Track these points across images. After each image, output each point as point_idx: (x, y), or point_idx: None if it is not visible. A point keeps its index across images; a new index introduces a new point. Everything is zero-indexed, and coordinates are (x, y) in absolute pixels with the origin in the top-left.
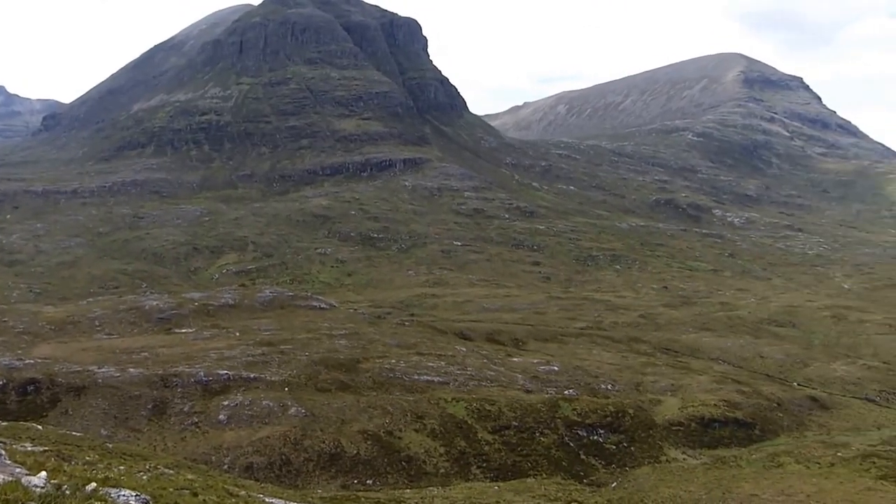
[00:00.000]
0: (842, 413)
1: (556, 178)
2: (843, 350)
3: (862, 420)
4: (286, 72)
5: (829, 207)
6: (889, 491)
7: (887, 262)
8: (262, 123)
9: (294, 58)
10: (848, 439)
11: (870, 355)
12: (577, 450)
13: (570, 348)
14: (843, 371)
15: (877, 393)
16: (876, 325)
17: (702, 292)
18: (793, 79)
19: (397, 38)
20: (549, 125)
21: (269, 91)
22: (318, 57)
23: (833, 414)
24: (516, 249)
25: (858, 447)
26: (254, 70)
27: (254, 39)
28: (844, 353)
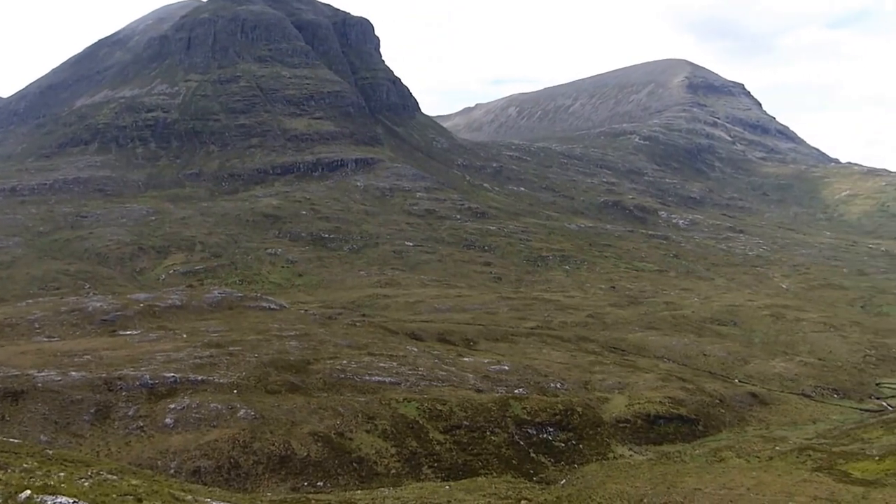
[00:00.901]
0: (780, 408)
1: (507, 180)
2: (782, 348)
3: (798, 415)
4: (236, 69)
5: (768, 210)
6: (823, 482)
7: (822, 263)
8: (211, 121)
9: (244, 55)
10: (785, 433)
11: (806, 352)
12: (527, 448)
13: (520, 348)
14: (781, 368)
15: (812, 389)
16: (812, 324)
17: (648, 292)
18: (735, 85)
19: (349, 38)
20: (501, 127)
21: (219, 89)
22: (268, 55)
23: (772, 409)
24: (468, 250)
25: (795, 441)
26: (202, 67)
27: (202, 36)
28: (782, 350)
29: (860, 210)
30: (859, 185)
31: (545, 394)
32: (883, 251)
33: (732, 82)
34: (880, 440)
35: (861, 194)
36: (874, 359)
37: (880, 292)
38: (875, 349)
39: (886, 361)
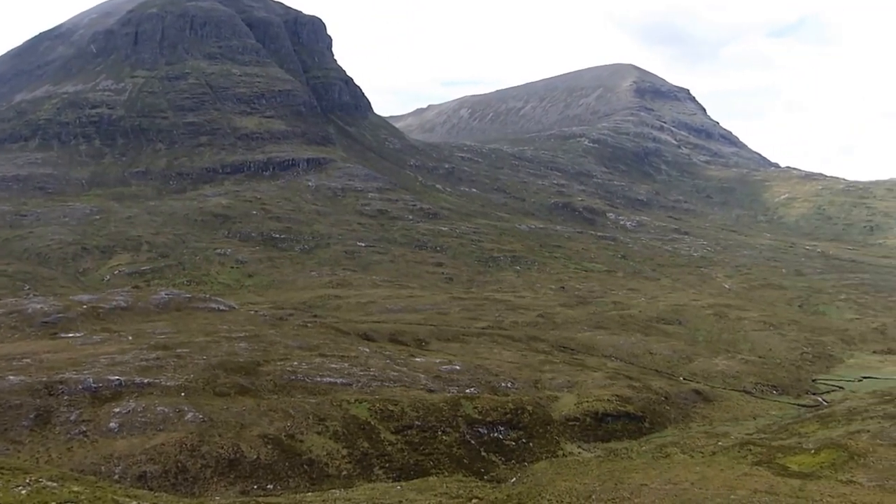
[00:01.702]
0: (722, 405)
1: (459, 181)
2: (724, 346)
3: (740, 411)
4: (184, 66)
5: (712, 212)
6: (763, 476)
7: (763, 264)
8: (159, 119)
9: (193, 52)
10: (728, 429)
11: (747, 350)
12: (478, 447)
13: (471, 347)
14: (723, 365)
15: (753, 385)
16: (753, 322)
17: (596, 292)
18: (680, 90)
19: (301, 37)
20: (453, 128)
21: (167, 85)
22: (218, 52)
23: (715, 406)
24: (419, 250)
25: (737, 436)
26: (150, 63)
27: (150, 31)
28: (725, 348)
29: (798, 213)
30: (798, 188)
31: (496, 393)
32: (819, 252)
33: (678, 88)
34: (816, 434)
35: (799, 198)
36: (811, 356)
37: (816, 292)
38: (811, 347)
39: (822, 358)
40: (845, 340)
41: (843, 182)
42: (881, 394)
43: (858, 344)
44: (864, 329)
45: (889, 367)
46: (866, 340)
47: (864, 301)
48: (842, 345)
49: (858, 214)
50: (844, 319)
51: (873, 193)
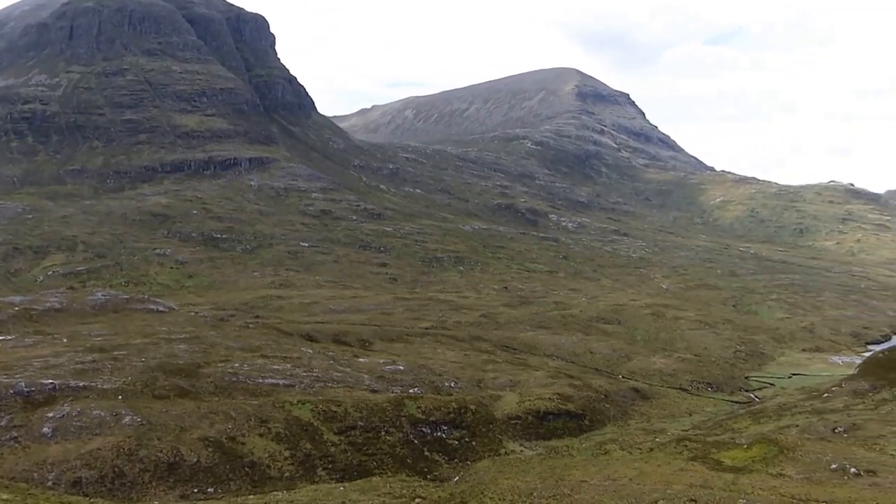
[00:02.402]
0: (660, 402)
1: (404, 181)
2: (662, 344)
3: (677, 408)
4: (122, 62)
5: (650, 214)
6: (698, 470)
7: (699, 265)
8: (95, 115)
9: (131, 48)
10: (665, 426)
11: (683, 349)
12: (421, 447)
13: (415, 348)
14: (661, 364)
15: (689, 383)
16: (689, 322)
17: (539, 292)
18: (621, 94)
19: (244, 34)
20: (397, 129)
21: (104, 81)
22: (158, 48)
23: (652, 403)
24: (363, 251)
25: (673, 433)
26: (86, 58)
27: (86, 25)
28: (662, 347)
29: (732, 215)
30: (732, 191)
31: (439, 393)
32: (752, 254)
33: (619, 92)
34: (748, 429)
35: (734, 200)
36: (744, 354)
37: (749, 292)
38: (744, 345)
39: (754, 356)
40: (776, 339)
41: (775, 186)
42: (809, 390)
43: (788, 342)
44: (793, 328)
45: (817, 365)
46: (796, 339)
47: (793, 301)
48: (773, 343)
49: (789, 217)
50: (775, 319)
51: (803, 197)
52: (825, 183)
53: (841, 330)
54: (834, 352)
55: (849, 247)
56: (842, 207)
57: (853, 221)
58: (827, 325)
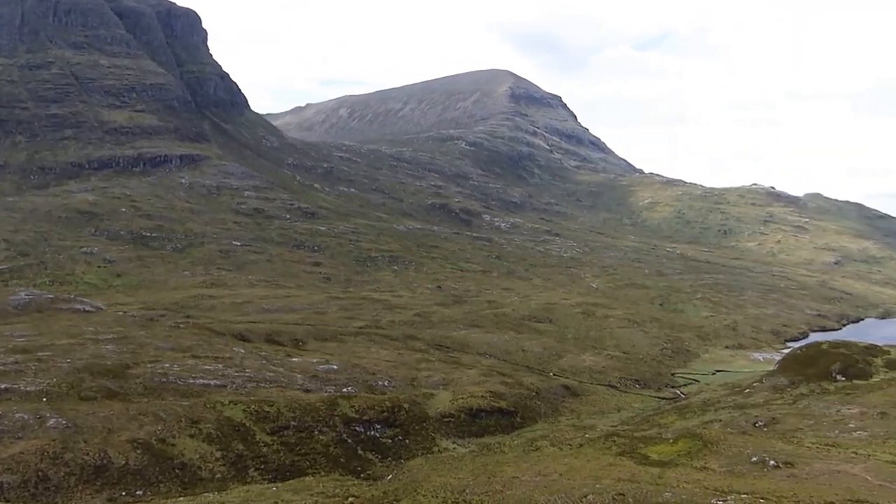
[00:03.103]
0: (590, 399)
1: (338, 181)
2: (591, 342)
3: (605, 404)
4: (47, 55)
5: (581, 215)
6: (626, 465)
7: (627, 265)
8: (18, 109)
9: (57, 40)
10: (594, 422)
11: (612, 346)
12: (354, 446)
13: (349, 347)
14: (591, 361)
15: (618, 380)
16: (618, 320)
17: (472, 291)
18: (553, 97)
19: (175, 29)
20: (332, 128)
21: (27, 74)
22: (84, 41)
23: (582, 400)
24: (297, 250)
25: (602, 428)
26: (8, 50)
27: (8, 16)
28: (592, 345)
29: (660, 216)
30: (660, 193)
31: (373, 392)
32: (678, 254)
33: (551, 94)
34: (674, 425)
35: (661, 202)
36: (670, 351)
37: (676, 291)
38: (671, 343)
39: (680, 354)
40: (701, 336)
41: (701, 188)
42: (732, 386)
43: (713, 340)
44: (717, 326)
45: (739, 361)
46: (719, 336)
47: (717, 300)
48: (698, 341)
49: (714, 219)
50: (700, 317)
51: (727, 199)
52: (748, 186)
53: (762, 328)
54: (755, 349)
55: (770, 247)
56: (763, 209)
57: (774, 223)
58: (749, 324)
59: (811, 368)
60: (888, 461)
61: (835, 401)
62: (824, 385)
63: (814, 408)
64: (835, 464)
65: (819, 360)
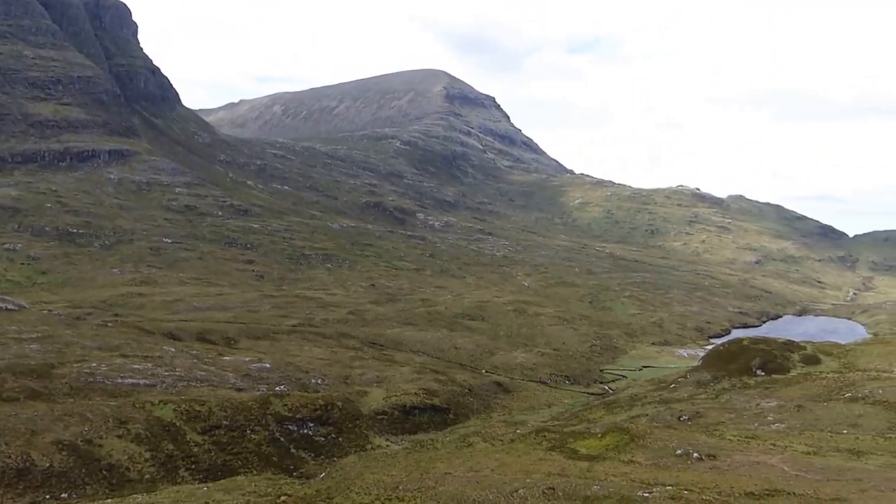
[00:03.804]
0: (521, 395)
1: (272, 178)
2: (523, 340)
3: (536, 400)
4: None
5: (514, 214)
6: (556, 460)
7: (558, 263)
8: None
9: None
10: (525, 417)
11: (543, 344)
12: (287, 444)
13: (282, 345)
14: (522, 358)
15: (548, 376)
16: (549, 318)
17: (406, 290)
18: (487, 98)
19: (103, 21)
20: (265, 124)
21: None
22: (7, 31)
23: (514, 396)
24: (229, 248)
25: (533, 424)
26: None
27: None
28: (524, 342)
29: (590, 216)
30: (590, 194)
31: (306, 390)
32: (607, 253)
33: (485, 95)
34: (602, 419)
35: (591, 202)
36: (599, 348)
37: (604, 289)
38: (600, 340)
39: (608, 350)
40: (629, 333)
41: (630, 189)
42: (658, 381)
43: (640, 336)
44: (644, 323)
45: (665, 357)
46: (646, 333)
47: (644, 298)
48: (626, 337)
49: (641, 219)
50: (628, 314)
51: (654, 200)
52: (674, 187)
53: (686, 325)
54: (680, 345)
55: (694, 247)
56: (689, 210)
57: (699, 223)
58: (674, 321)
59: (733, 364)
60: (803, 452)
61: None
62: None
63: (735, 402)
64: (754, 455)
65: (740, 355)
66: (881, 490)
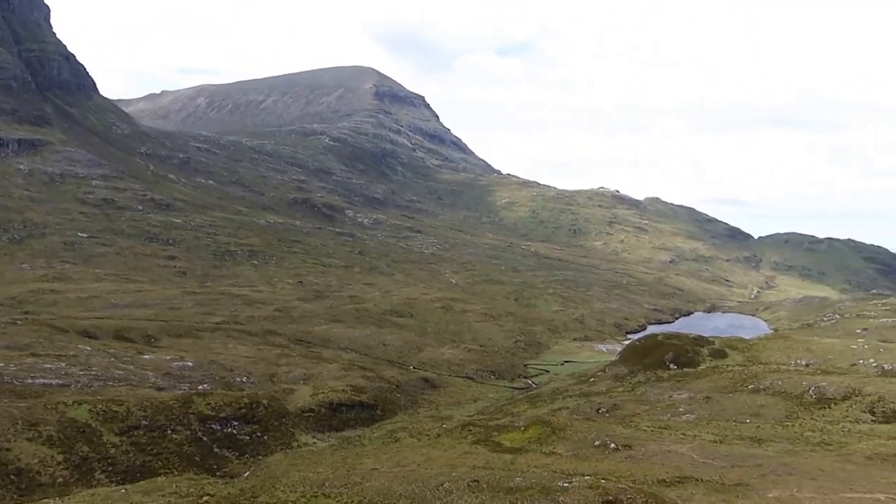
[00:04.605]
0: (448, 390)
1: (195, 172)
2: (450, 336)
3: (463, 395)
4: None
5: (442, 212)
6: (481, 453)
7: (485, 261)
8: None
9: None
10: (451, 412)
11: (470, 340)
12: (210, 444)
13: (205, 343)
14: (449, 354)
15: (475, 372)
16: (475, 315)
17: (334, 287)
18: (416, 96)
19: (11, 4)
20: (189, 117)
21: None
22: None
23: (441, 392)
24: (150, 243)
25: (459, 418)
26: None
27: None
28: (451, 338)
29: (517, 216)
30: (517, 194)
31: (231, 388)
32: (533, 252)
33: (415, 94)
34: (526, 413)
35: (518, 202)
36: (523, 344)
37: (529, 287)
38: (524, 335)
39: (532, 346)
40: (552, 329)
41: (554, 190)
42: (578, 375)
43: (562, 332)
44: (566, 319)
45: (585, 352)
46: (568, 329)
47: (567, 295)
48: (549, 333)
49: (565, 219)
50: (551, 311)
51: (577, 201)
52: (596, 189)
53: (606, 321)
54: (600, 340)
55: (614, 247)
56: (609, 211)
57: (618, 224)
58: (594, 317)
59: (648, 358)
60: (711, 440)
61: (668, 387)
62: (659, 373)
63: (650, 394)
64: (667, 445)
65: (655, 350)
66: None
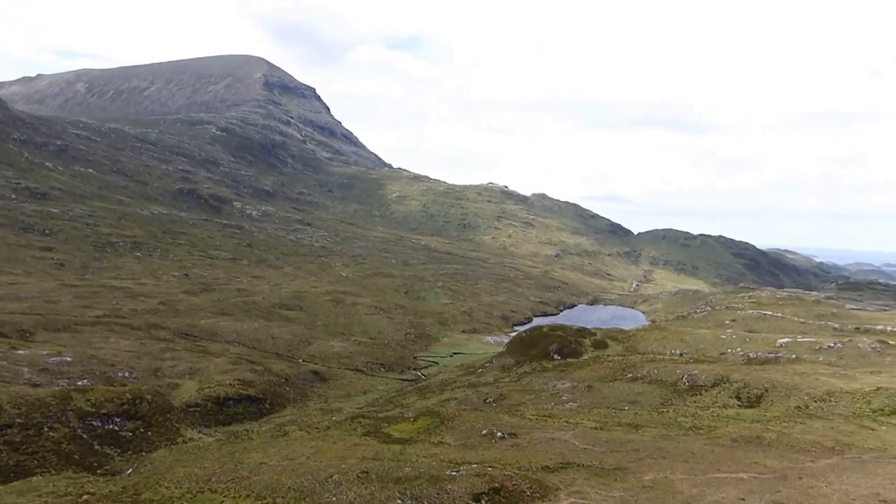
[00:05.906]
0: (338, 383)
1: (74, 160)
2: (340, 329)
3: (353, 388)
4: None
5: (333, 205)
6: (370, 444)
7: (376, 255)
8: None
9: None
10: (341, 405)
11: (360, 333)
12: (91, 441)
13: (84, 337)
14: (339, 347)
15: (365, 364)
16: (365, 308)
17: (221, 279)
18: (307, 88)
19: None
20: (67, 102)
21: None
22: None
23: (331, 384)
24: (24, 234)
25: (349, 411)
26: None
27: None
28: (341, 331)
29: (407, 209)
30: (407, 188)
31: (112, 384)
32: (423, 245)
33: (305, 85)
34: (415, 404)
35: (409, 196)
36: (413, 336)
37: (419, 280)
38: (414, 328)
39: (422, 338)
40: (441, 322)
41: (444, 185)
42: (467, 366)
43: (451, 325)
44: (455, 312)
45: (474, 344)
46: (457, 321)
47: (456, 288)
48: (438, 326)
49: (455, 213)
50: (441, 304)
51: (467, 196)
52: (485, 184)
53: (493, 313)
54: (488, 332)
55: (502, 241)
56: (498, 206)
57: (506, 219)
58: (483, 310)
59: (533, 349)
60: (592, 427)
61: (552, 377)
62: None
63: (535, 384)
64: (550, 432)
65: (540, 341)
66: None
